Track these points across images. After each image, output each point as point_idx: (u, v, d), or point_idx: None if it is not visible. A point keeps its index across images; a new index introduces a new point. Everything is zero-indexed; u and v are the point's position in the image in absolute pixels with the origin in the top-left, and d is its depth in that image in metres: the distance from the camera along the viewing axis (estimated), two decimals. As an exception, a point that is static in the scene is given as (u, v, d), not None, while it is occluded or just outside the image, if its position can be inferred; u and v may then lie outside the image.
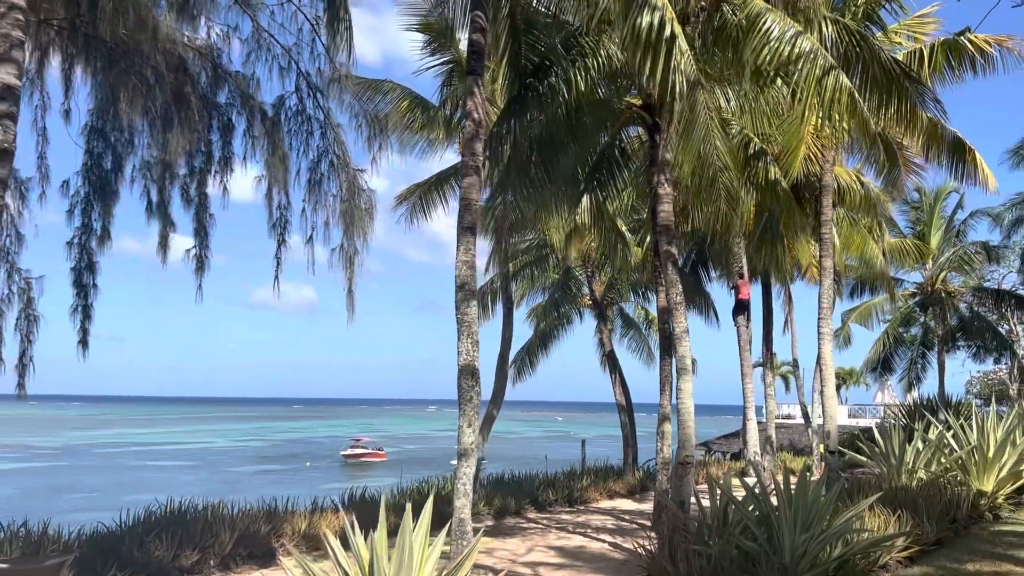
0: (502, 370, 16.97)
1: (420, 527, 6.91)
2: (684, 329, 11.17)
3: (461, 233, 8.55)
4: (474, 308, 8.50)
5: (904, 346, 38.08)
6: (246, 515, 11.98)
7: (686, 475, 10.80)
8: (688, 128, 9.65)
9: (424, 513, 7.13)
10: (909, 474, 15.86)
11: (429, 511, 7.17)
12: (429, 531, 7.16)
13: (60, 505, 42.67)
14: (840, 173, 21.12)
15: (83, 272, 14.12)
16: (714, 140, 9.54)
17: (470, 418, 8.37)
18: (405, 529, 6.50)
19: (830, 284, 16.41)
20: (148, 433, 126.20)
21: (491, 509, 15.73)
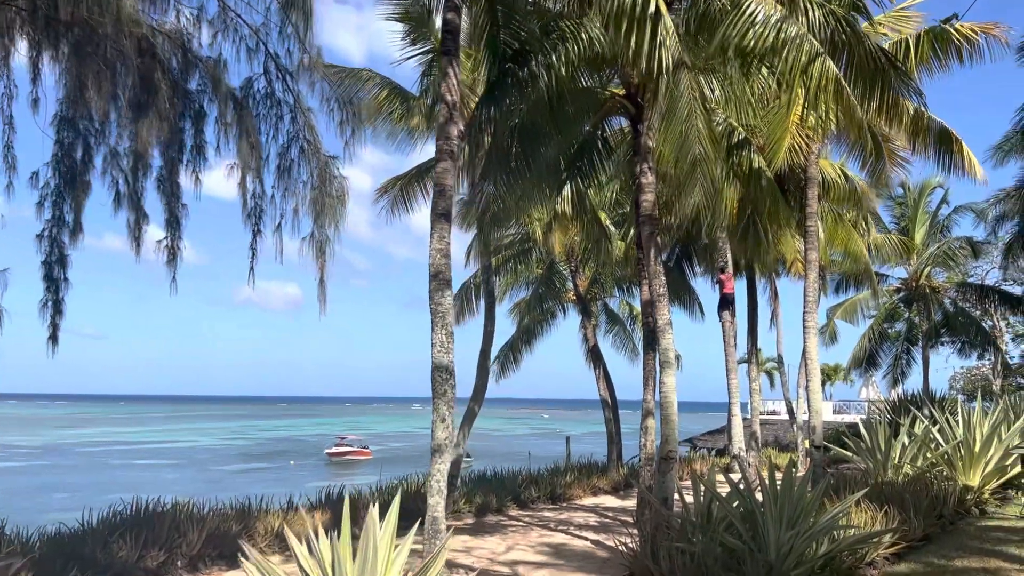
0: (483, 366, 16.62)
1: (387, 527, 6.61)
2: (667, 321, 10.90)
3: (435, 220, 8.24)
4: (449, 298, 8.20)
5: (889, 342, 38.05)
6: (217, 514, 11.65)
7: (669, 471, 10.53)
8: (672, 107, 9.37)
9: (390, 512, 6.83)
10: (895, 469, 15.68)
11: (396, 510, 6.86)
12: (396, 530, 6.83)
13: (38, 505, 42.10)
14: (825, 166, 20.93)
15: (54, 266, 13.72)
16: (696, 122, 9.27)
17: (444, 413, 8.06)
18: (369, 529, 6.18)
19: (815, 278, 16.18)
20: (132, 432, 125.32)
21: (472, 507, 15.44)
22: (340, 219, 9.57)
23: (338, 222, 9.57)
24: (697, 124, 9.30)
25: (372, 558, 6.01)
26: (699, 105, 9.38)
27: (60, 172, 13.48)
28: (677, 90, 9.30)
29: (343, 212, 9.63)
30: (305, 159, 9.78)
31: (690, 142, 9.32)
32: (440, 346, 8.08)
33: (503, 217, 15.09)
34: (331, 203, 9.52)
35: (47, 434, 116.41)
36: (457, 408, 16.95)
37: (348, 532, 6.25)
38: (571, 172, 13.13)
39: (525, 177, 13.30)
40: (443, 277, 8.16)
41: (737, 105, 13.76)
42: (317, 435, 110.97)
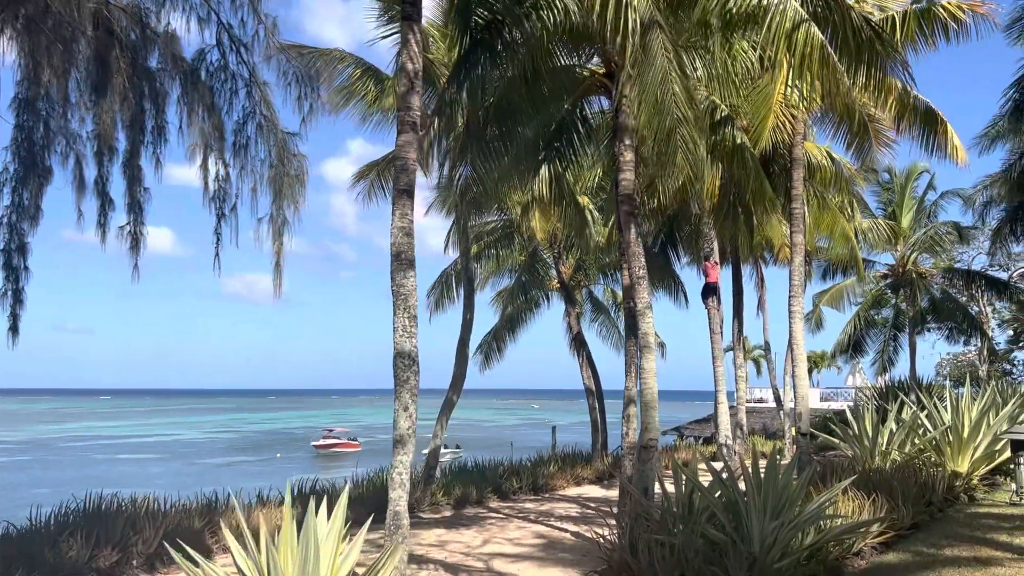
0: (462, 354, 16.19)
1: (332, 525, 6.15)
2: (647, 304, 10.48)
3: (397, 197, 7.77)
4: (412, 280, 7.73)
5: (876, 328, 37.81)
6: (180, 510, 11.18)
7: (650, 460, 10.13)
8: (644, 72, 8.91)
9: (337, 509, 6.35)
10: (883, 456, 15.37)
11: (342, 507, 6.39)
12: (342, 529, 6.37)
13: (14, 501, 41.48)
14: (811, 149, 20.56)
15: (13, 254, 13.21)
16: (672, 85, 8.82)
17: (406, 402, 7.60)
18: (308, 527, 5.72)
19: (801, 261, 15.80)
20: (118, 426, 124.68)
21: (450, 499, 15.03)
22: (299, 200, 9.10)
23: (297, 203, 9.10)
24: (674, 88, 8.84)
25: (313, 559, 5.55)
26: (675, 68, 8.91)
27: (20, 157, 12.96)
28: (649, 54, 8.84)
29: (302, 192, 9.17)
30: (262, 136, 9.29)
31: (667, 107, 8.84)
32: (402, 331, 7.61)
33: (482, 200, 14.61)
34: (289, 182, 9.04)
35: (30, 429, 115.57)
36: (435, 399, 16.73)
37: (290, 531, 5.78)
38: (548, 153, 12.67)
39: (502, 158, 12.85)
40: (405, 257, 7.69)
41: (720, 83, 13.31)
42: (304, 427, 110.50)
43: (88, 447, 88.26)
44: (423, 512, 14.18)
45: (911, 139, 16.14)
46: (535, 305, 26.65)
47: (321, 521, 6.07)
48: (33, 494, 48.72)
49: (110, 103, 12.30)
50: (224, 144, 10.01)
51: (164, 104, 12.38)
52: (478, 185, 11.90)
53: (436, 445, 16.09)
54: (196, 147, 11.49)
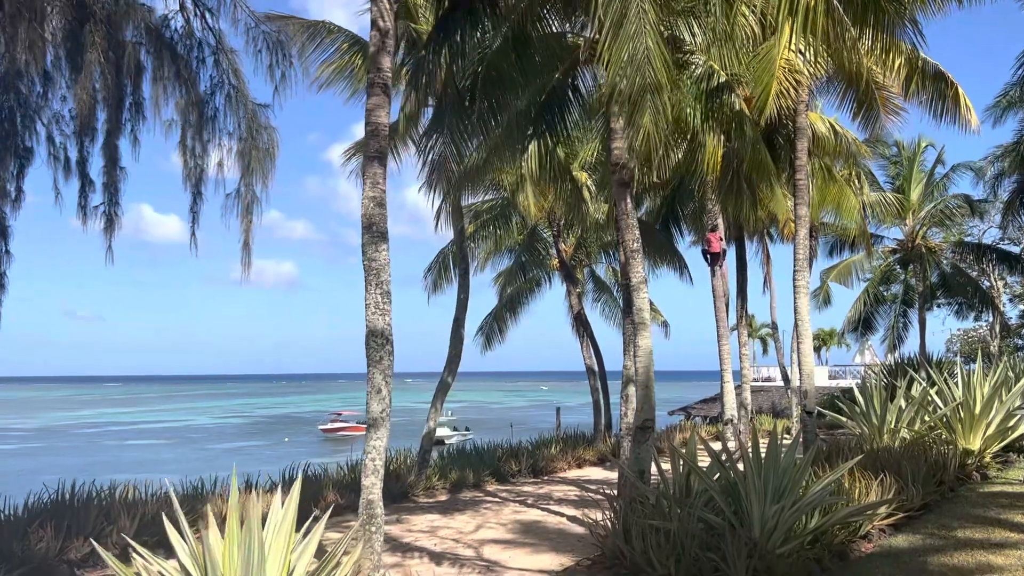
0: (457, 335, 15.74)
1: (284, 517, 5.71)
2: (641, 279, 10.00)
3: (367, 164, 7.30)
4: (384, 253, 7.27)
5: (885, 304, 37.20)
6: (162, 498, 10.80)
7: (645, 441, 9.68)
8: (618, 23, 8.34)
9: (289, 499, 5.89)
10: (892, 434, 14.91)
11: (295, 498, 5.92)
12: (295, 522, 5.91)
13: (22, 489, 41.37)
14: (815, 120, 19.96)
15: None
16: (645, 39, 8.23)
17: (379, 384, 7.16)
18: (250, 520, 5.28)
19: (805, 234, 15.26)
20: (129, 412, 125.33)
21: (446, 483, 14.63)
22: (269, 174, 8.63)
23: (267, 177, 8.63)
24: (647, 42, 8.27)
25: (258, 554, 5.12)
26: (650, 22, 8.33)
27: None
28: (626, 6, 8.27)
29: (272, 166, 8.70)
30: (231, 107, 8.80)
31: (638, 62, 8.27)
32: (375, 307, 7.16)
33: (475, 175, 14.09)
34: (258, 156, 8.56)
35: (43, 416, 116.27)
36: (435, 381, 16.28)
37: (235, 523, 5.33)
38: (538, 127, 12.12)
39: (492, 131, 12.36)
40: (377, 229, 7.22)
41: (721, 48, 12.73)
42: (313, 411, 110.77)
43: (99, 434, 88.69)
44: (417, 496, 13.80)
45: (919, 104, 15.54)
46: (536, 285, 26.14)
47: (277, 510, 5.63)
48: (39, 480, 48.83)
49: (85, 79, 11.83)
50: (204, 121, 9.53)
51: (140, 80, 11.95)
52: (457, 159, 11.35)
53: (431, 428, 15.69)
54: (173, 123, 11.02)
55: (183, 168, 11.53)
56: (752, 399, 42.08)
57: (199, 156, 11.34)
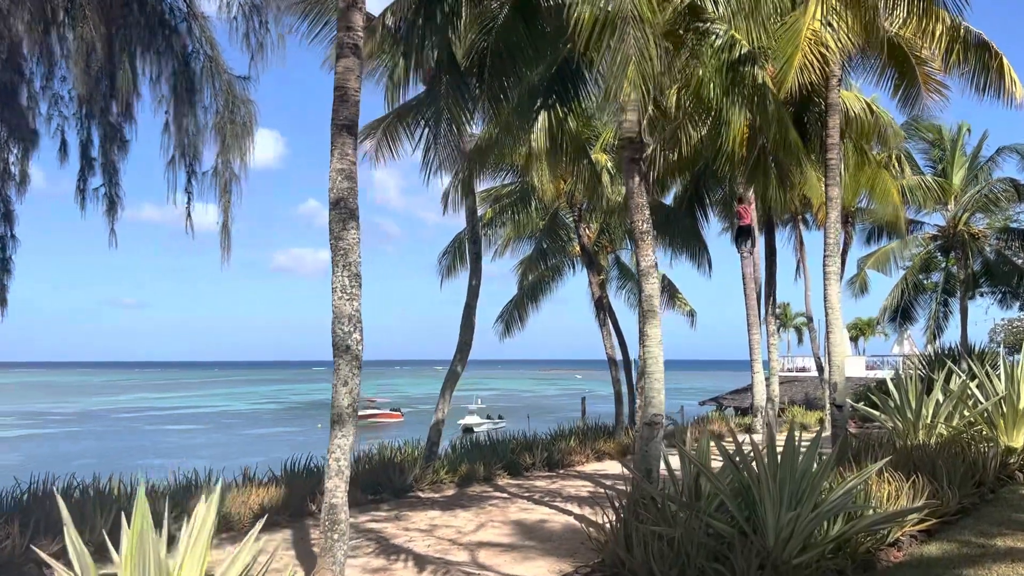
0: (467, 322, 15.12)
1: (200, 528, 5.10)
2: (651, 263, 9.28)
3: (336, 134, 6.65)
4: (353, 232, 6.63)
5: (924, 293, 35.87)
6: (150, 492, 10.32)
7: (653, 438, 8.98)
8: None
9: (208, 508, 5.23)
10: (927, 429, 14.00)
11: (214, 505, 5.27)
12: (211, 534, 5.30)
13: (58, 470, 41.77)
14: (850, 99, 18.98)
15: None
16: None
17: (346, 375, 6.54)
18: (144, 536, 4.65)
19: (837, 217, 14.37)
20: (167, 397, 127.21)
21: (455, 476, 14.03)
22: (247, 150, 8.04)
23: (245, 154, 8.03)
24: None
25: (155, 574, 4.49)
26: None
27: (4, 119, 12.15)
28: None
29: (250, 143, 8.10)
30: (206, 79, 8.20)
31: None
32: (341, 291, 6.53)
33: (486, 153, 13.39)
34: (234, 130, 7.97)
35: (84, 401, 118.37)
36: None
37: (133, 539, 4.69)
38: (547, 99, 11.40)
39: (502, 106, 11.68)
40: (346, 205, 6.58)
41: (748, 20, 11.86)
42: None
43: (138, 418, 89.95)
44: (422, 491, 13.22)
45: (960, 76, 14.52)
46: (558, 272, 25.41)
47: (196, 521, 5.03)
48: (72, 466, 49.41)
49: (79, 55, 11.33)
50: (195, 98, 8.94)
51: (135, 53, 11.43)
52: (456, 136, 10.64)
53: (439, 419, 15.10)
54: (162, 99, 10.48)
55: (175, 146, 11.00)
56: (786, 390, 41.18)
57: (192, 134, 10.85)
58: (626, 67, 7.65)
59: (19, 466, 47.41)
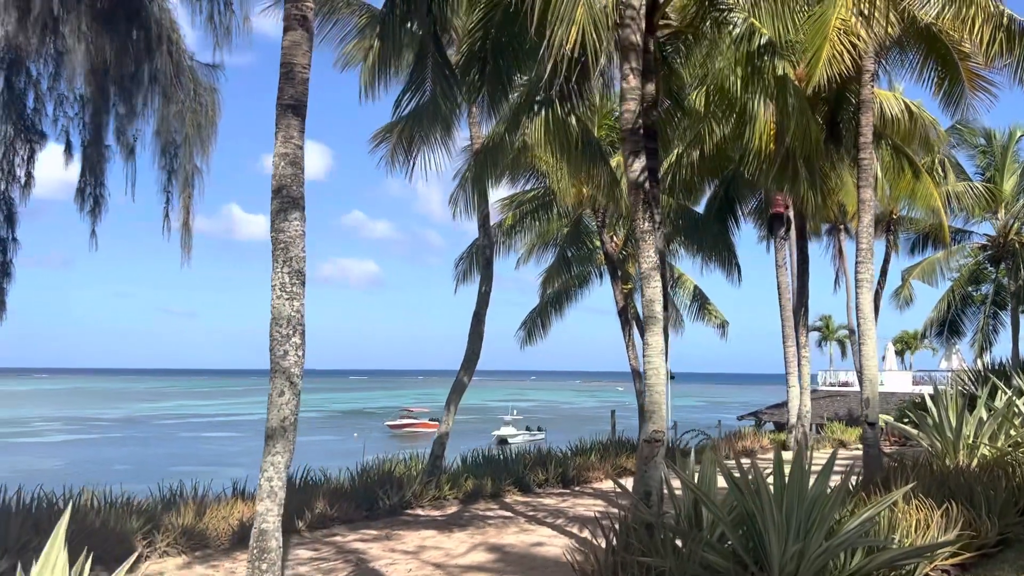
0: (476, 331, 14.43)
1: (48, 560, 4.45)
2: (653, 265, 8.50)
3: (281, 115, 6.02)
4: (296, 224, 5.98)
5: (973, 305, 34.29)
6: (123, 506, 9.81)
7: (653, 456, 8.17)
8: None
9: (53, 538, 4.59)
10: (968, 450, 12.94)
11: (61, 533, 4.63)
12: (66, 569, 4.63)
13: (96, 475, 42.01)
14: (887, 98, 17.96)
15: (1, 225, 12.12)
16: None
17: (282, 385, 5.88)
18: None
19: (870, 221, 13.42)
20: (209, 405, 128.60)
21: (459, 492, 13.32)
22: (209, 142, 7.44)
23: (207, 146, 7.44)
24: None
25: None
26: None
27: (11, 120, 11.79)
28: None
29: (212, 133, 7.50)
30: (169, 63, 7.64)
31: None
32: (280, 289, 5.88)
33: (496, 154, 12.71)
34: (194, 119, 7.39)
35: (128, 407, 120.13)
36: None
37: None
38: (548, 94, 10.68)
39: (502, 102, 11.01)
40: (289, 193, 5.94)
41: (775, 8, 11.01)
42: (386, 407, 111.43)
43: (178, 425, 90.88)
44: (422, 507, 12.53)
45: (1003, 68, 13.47)
46: (584, 281, 24.58)
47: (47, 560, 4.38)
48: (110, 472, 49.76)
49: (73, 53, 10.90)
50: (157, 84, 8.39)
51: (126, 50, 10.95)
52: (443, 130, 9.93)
53: (444, 432, 14.42)
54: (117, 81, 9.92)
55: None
56: (828, 405, 39.76)
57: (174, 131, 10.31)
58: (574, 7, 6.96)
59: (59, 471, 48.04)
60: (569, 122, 11.06)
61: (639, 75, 8.84)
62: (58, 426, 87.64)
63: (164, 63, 7.77)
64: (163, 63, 7.78)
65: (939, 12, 12.36)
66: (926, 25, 14.02)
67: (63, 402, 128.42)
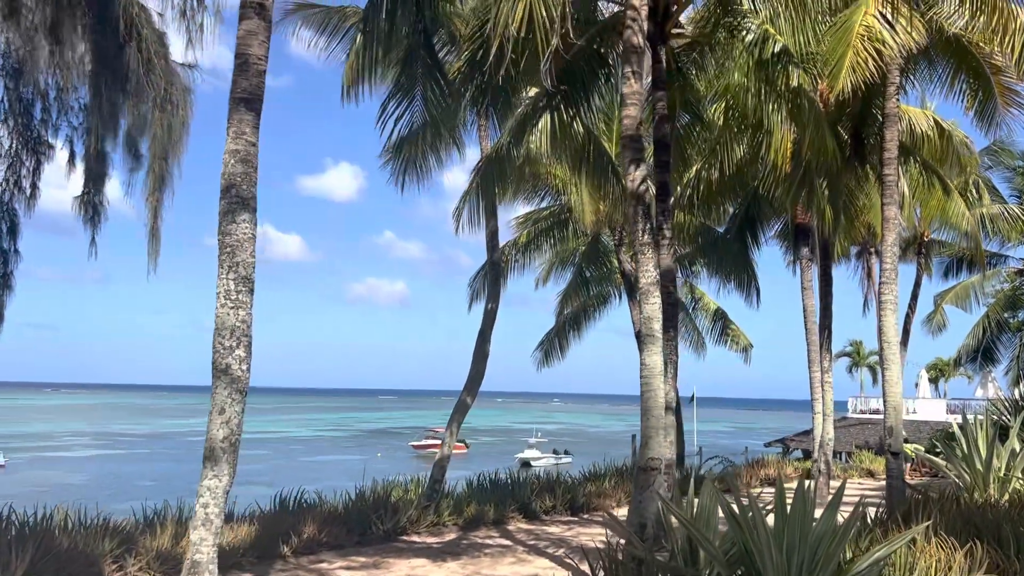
0: (480, 351, 13.92)
1: None
2: (652, 281, 7.96)
3: (233, 108, 5.60)
4: (245, 227, 5.53)
5: (1009, 332, 33.12)
6: (96, 527, 9.40)
7: (649, 486, 7.59)
8: None
9: None
10: (1000, 484, 12.18)
11: None
12: None
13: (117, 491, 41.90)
14: (916, 115, 17.31)
15: (3, 236, 11.90)
16: None
17: (223, 401, 5.40)
18: None
19: (895, 240, 12.77)
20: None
21: (460, 518, 12.76)
22: (181, 143, 7.05)
23: (177, 148, 7.04)
24: None
25: None
26: None
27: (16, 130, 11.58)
28: None
29: (184, 135, 7.10)
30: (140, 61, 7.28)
31: None
32: (225, 296, 5.42)
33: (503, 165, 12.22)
34: (163, 120, 7.00)
35: (156, 423, 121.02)
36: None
37: None
38: (551, 99, 10.21)
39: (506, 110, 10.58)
40: (238, 194, 5.49)
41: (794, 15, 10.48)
42: (411, 427, 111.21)
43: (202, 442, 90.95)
44: (418, 534, 11.98)
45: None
46: (603, 301, 23.99)
47: None
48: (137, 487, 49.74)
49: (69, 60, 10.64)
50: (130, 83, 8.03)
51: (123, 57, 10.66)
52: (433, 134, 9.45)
53: (444, 454, 13.90)
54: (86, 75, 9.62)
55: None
56: (858, 433, 38.63)
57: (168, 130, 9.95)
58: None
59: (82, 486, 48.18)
60: (575, 128, 10.59)
61: (640, 79, 8.35)
62: (87, 440, 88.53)
63: (133, 60, 7.42)
64: (132, 60, 7.43)
65: (968, 21, 11.76)
66: (955, 36, 13.44)
67: (94, 417, 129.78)
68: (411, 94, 9.07)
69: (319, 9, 13.20)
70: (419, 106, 9.03)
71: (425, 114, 9.05)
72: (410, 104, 9.10)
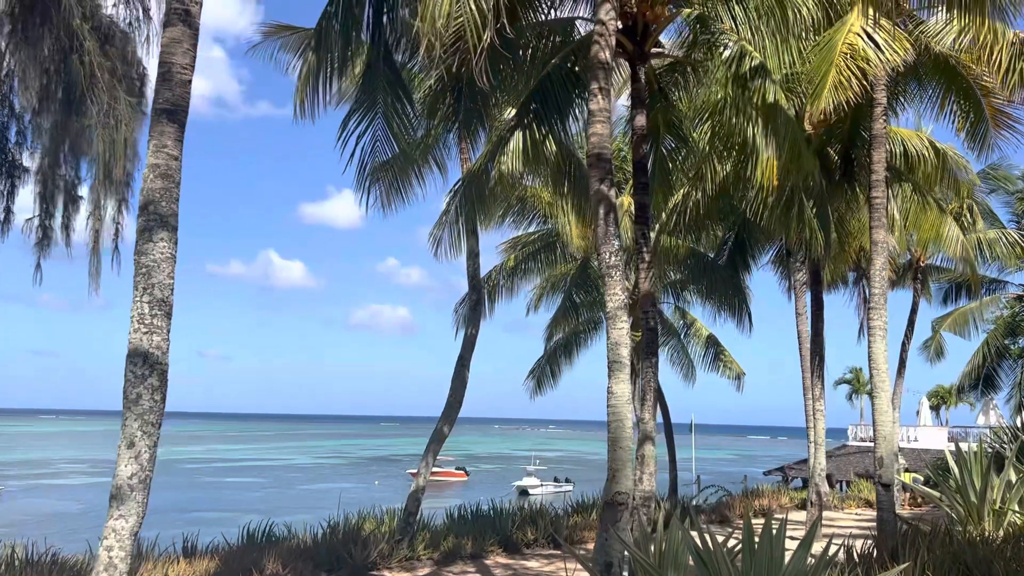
0: (460, 377, 13.53)
1: None
2: (619, 305, 7.60)
3: (155, 120, 5.28)
4: (163, 246, 5.18)
5: (1010, 359, 32.66)
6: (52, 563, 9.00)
7: (616, 522, 7.18)
8: None
9: None
10: (995, 516, 11.73)
11: None
12: None
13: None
14: (909, 137, 17.02)
15: None
16: None
17: (133, 434, 5.01)
18: None
19: (883, 264, 12.42)
20: (236, 449, 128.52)
21: (436, 552, 12.31)
22: (124, 159, 6.71)
23: (121, 163, 6.70)
24: None
25: None
26: None
27: None
28: None
29: (131, 144, 6.77)
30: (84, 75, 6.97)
31: None
32: (139, 321, 5.07)
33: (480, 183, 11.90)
34: (106, 135, 6.67)
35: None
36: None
37: None
38: (523, 116, 9.94)
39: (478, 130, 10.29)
40: (156, 211, 5.16)
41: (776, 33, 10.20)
42: (411, 455, 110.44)
43: (201, 470, 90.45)
44: (390, 569, 11.54)
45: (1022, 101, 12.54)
46: (594, 327, 23.59)
47: None
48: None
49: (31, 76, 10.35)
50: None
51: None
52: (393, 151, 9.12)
53: (419, 486, 13.47)
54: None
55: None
56: (857, 461, 38.02)
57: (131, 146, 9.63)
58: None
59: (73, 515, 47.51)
60: (547, 147, 10.30)
61: (608, 96, 8.04)
62: (83, 468, 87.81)
63: (75, 72, 7.12)
64: (75, 72, 7.13)
65: (956, 38, 11.52)
66: (944, 57, 13.21)
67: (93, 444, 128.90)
68: (372, 111, 8.76)
69: (296, 32, 12.92)
70: (380, 123, 8.70)
71: (388, 132, 8.73)
72: (371, 122, 8.77)
